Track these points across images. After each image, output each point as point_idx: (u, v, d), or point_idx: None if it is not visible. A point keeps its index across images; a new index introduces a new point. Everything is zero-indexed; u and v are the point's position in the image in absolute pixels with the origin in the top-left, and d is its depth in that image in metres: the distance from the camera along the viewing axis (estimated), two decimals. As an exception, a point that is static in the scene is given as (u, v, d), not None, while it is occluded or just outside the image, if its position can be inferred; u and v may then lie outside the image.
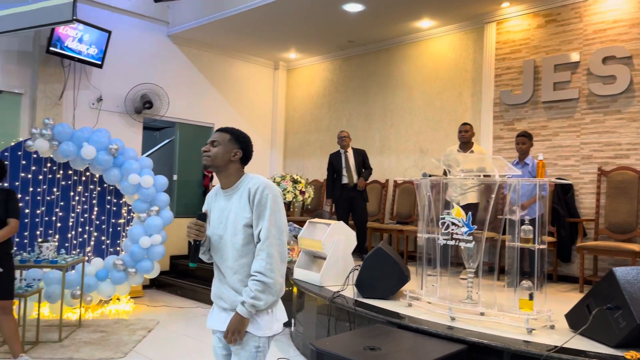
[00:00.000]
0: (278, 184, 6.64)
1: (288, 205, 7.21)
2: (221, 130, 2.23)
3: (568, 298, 4.50)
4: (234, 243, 2.11)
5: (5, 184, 5.22)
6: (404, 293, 3.82)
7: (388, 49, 7.55)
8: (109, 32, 6.55)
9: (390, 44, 7.49)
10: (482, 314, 3.34)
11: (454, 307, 3.37)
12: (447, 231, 3.50)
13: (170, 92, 7.45)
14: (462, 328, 3.17)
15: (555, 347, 2.78)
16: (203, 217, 2.16)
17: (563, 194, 5.53)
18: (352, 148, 6.35)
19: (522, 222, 3.27)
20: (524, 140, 5.05)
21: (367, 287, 3.99)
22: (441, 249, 3.60)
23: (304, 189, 6.79)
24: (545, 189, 4.00)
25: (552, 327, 3.22)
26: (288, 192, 6.63)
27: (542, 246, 3.24)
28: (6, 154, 5.51)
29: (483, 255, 3.45)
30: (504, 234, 3.47)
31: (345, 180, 6.22)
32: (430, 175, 3.73)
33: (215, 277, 2.24)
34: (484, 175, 3.62)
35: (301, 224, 6.13)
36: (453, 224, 3.44)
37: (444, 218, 3.52)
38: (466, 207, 3.59)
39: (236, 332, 2.06)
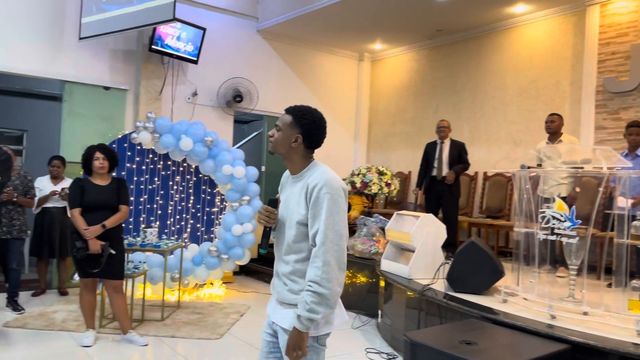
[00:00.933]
0: (364, 175, 6.65)
1: (372, 198, 7.20)
2: (286, 110, 2.01)
3: (682, 302, 4.14)
4: (288, 236, 1.97)
5: (113, 174, 5.66)
6: (499, 289, 3.71)
7: (478, 37, 7.29)
8: (204, 30, 6.87)
9: (481, 32, 7.22)
10: (585, 313, 3.17)
11: (554, 304, 3.22)
12: (547, 226, 3.34)
13: (259, 86, 7.69)
14: (564, 327, 3.03)
15: (672, 352, 2.58)
16: (274, 203, 2.02)
17: (676, 189, 5.08)
18: (451, 140, 6.15)
19: (634, 218, 3.05)
20: (639, 130, 4.68)
21: (459, 281, 3.91)
22: (540, 244, 3.44)
23: (389, 181, 6.75)
24: (660, 182, 3.70)
25: (666, 331, 2.99)
26: (374, 183, 6.62)
27: (655, 244, 3.01)
28: (114, 145, 5.96)
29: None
30: (604, 229, 3.26)
31: (434, 172, 6.08)
32: (528, 167, 3.57)
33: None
34: (587, 168, 3.41)
35: (386, 215, 6.11)
36: (554, 218, 3.28)
37: (544, 212, 3.36)
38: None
39: (297, 348, 1.87)
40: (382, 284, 4.90)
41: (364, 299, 5.49)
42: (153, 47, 6.51)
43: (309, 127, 1.96)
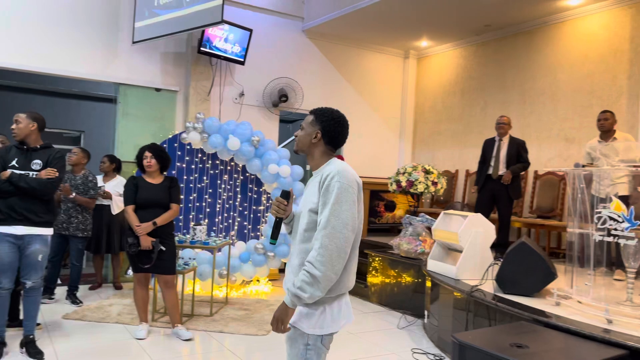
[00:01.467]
0: (409, 174, 6.59)
1: (418, 197, 7.12)
2: (310, 111, 2.16)
3: None
4: (300, 224, 2.05)
5: (165, 173, 5.84)
6: (551, 291, 3.60)
7: (529, 32, 7.08)
8: (251, 31, 6.98)
9: (532, 26, 7.01)
10: (644, 318, 3.03)
11: (611, 308, 3.10)
12: (603, 227, 3.22)
13: (304, 85, 7.75)
14: (621, 332, 2.91)
15: None
16: (285, 195, 2.12)
17: None
18: (510, 137, 5.87)
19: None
20: None
21: (509, 283, 3.82)
22: (596, 245, 3.32)
23: (436, 180, 6.65)
24: None
25: None
26: (419, 182, 6.55)
27: None
28: (165, 145, 6.15)
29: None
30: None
31: (490, 170, 5.84)
32: (583, 166, 3.44)
33: None
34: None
35: (432, 215, 6.03)
36: (611, 218, 3.15)
37: (600, 212, 3.23)
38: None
39: (279, 321, 1.97)
40: (429, 284, 4.85)
41: (409, 299, 5.45)
42: (202, 49, 6.67)
43: (328, 123, 2.07)
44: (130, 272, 5.97)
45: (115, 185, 5.88)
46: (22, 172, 3.64)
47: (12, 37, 5.89)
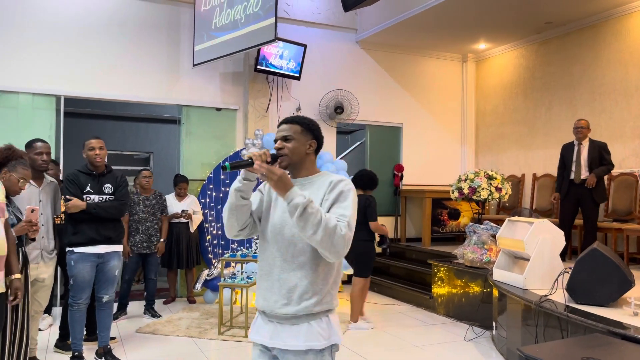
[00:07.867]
0: (471, 180, 6.40)
1: (483, 204, 6.90)
2: (289, 121, 1.99)
3: None
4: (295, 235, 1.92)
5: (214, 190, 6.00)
6: (628, 300, 3.36)
7: (594, 26, 6.72)
8: (305, 46, 7.09)
9: (597, 20, 6.65)
10: None
11: (697, 319, 2.85)
12: (683, 230, 2.97)
13: (360, 96, 7.75)
14: None
15: None
16: (274, 158, 1.94)
17: None
18: (590, 140, 5.78)
19: None
20: None
21: (581, 292, 3.61)
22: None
23: (500, 186, 6.42)
24: None
25: None
26: (482, 189, 6.34)
27: None
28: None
29: None
30: None
31: (572, 175, 5.75)
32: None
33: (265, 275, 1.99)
34: None
35: (497, 222, 5.82)
36: (692, 221, 2.91)
37: (679, 215, 2.99)
38: None
39: (273, 174, 1.77)
40: (496, 294, 4.67)
41: (476, 310, 5.28)
42: (258, 67, 6.85)
43: (318, 132, 2.02)
44: (197, 286, 6.19)
45: (190, 204, 6.15)
46: (97, 196, 3.90)
47: (85, 69, 6.31)
